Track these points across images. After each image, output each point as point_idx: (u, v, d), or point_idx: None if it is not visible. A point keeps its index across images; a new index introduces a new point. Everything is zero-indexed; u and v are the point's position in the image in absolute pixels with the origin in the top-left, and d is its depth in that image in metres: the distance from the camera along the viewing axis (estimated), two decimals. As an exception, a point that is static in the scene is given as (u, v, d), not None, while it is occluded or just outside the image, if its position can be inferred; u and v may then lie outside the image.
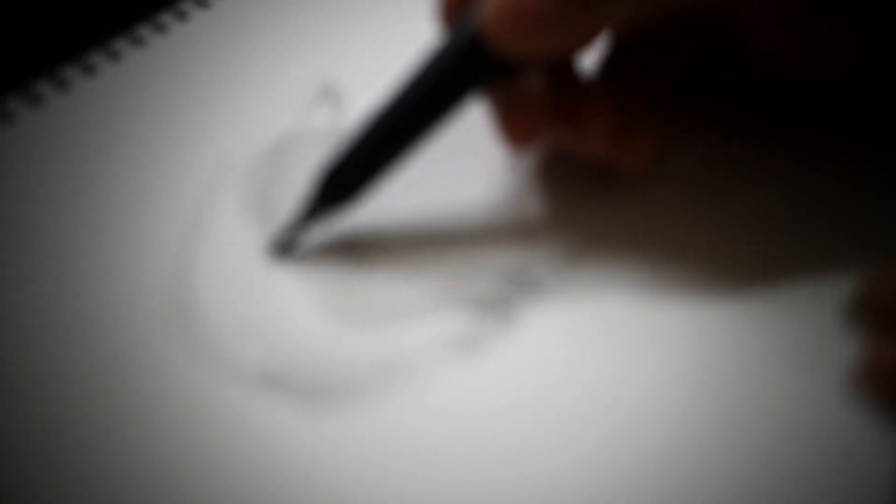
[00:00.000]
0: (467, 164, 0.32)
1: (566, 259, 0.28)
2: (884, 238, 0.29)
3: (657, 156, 0.30)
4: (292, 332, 0.26)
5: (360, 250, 0.29)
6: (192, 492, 0.23)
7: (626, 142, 0.29)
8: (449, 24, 0.29)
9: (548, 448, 0.24)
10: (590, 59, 0.32)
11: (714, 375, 0.25)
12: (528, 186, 0.31)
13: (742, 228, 0.29)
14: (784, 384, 0.25)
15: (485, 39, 0.26)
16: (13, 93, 0.33)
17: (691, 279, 0.28)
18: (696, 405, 0.25)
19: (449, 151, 0.32)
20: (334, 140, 0.32)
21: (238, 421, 0.24)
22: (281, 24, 0.38)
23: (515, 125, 0.29)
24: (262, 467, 0.23)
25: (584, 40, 0.27)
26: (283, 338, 0.26)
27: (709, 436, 0.24)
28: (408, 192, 0.30)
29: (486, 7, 0.26)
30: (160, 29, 0.37)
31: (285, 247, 0.29)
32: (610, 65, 0.32)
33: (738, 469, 0.23)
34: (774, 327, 0.26)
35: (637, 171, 0.30)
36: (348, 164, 0.28)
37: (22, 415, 0.24)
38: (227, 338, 0.26)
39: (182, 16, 0.38)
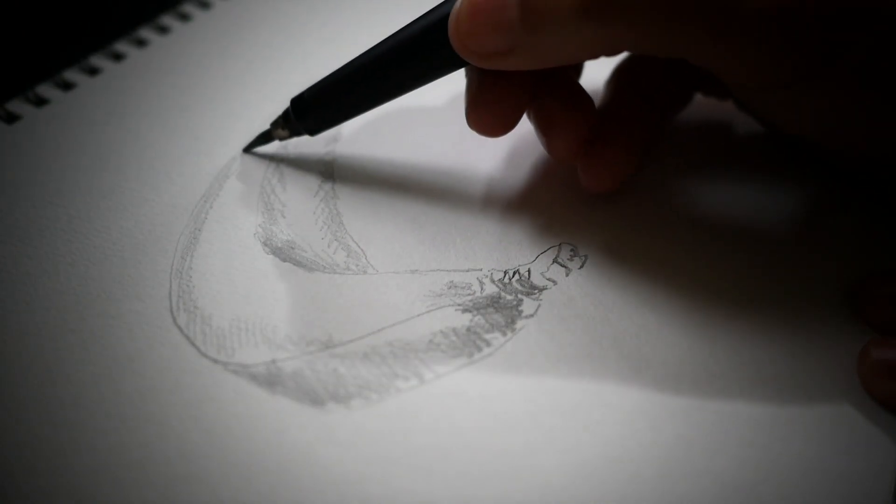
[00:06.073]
0: (469, 161, 0.32)
1: (570, 259, 0.29)
2: (886, 236, 0.29)
3: (626, 178, 0.30)
4: (293, 332, 0.27)
5: (361, 245, 0.29)
6: (193, 491, 0.23)
7: (595, 158, 0.29)
8: None
9: (551, 448, 0.24)
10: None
11: (715, 374, 0.26)
12: (530, 186, 0.31)
13: (746, 228, 0.29)
14: (785, 381, 0.25)
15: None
16: (20, 93, 0.34)
17: (696, 277, 0.28)
18: (697, 403, 0.25)
19: (449, 147, 0.33)
20: (333, 136, 0.33)
21: (240, 421, 0.24)
22: (281, 25, 0.38)
23: (487, 107, 0.28)
24: (265, 466, 0.24)
25: (534, 67, 0.26)
26: (284, 337, 0.26)
27: (710, 434, 0.24)
28: (412, 189, 0.31)
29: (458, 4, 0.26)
30: (162, 30, 0.38)
31: (258, 143, 0.32)
32: (614, 83, 0.31)
33: (739, 465, 0.24)
34: (776, 325, 0.27)
35: (599, 189, 0.30)
36: (317, 91, 0.30)
37: (23, 414, 0.25)
38: (228, 337, 0.26)
39: (183, 17, 0.38)
